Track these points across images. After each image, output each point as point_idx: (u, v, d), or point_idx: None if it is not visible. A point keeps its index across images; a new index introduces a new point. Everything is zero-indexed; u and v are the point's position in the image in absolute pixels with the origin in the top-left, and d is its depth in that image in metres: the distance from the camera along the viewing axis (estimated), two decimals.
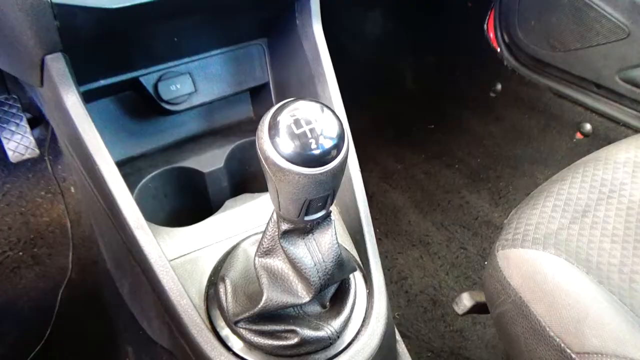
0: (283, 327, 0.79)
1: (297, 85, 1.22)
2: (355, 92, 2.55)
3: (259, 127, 0.60)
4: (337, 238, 0.74)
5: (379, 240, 2.03)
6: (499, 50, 2.40)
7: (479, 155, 2.41)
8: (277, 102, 1.30)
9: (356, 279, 0.90)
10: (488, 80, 2.54)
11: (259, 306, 0.76)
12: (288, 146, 0.57)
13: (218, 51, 1.24)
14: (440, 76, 2.72)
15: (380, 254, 0.98)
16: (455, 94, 2.65)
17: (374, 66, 2.74)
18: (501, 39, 2.39)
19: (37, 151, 1.60)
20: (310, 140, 0.57)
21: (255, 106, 1.40)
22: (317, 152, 0.58)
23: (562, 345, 0.86)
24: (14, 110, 1.57)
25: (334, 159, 0.59)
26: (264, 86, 1.33)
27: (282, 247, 0.73)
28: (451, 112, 2.63)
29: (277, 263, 0.77)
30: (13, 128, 1.57)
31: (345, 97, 1.11)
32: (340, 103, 1.09)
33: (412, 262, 1.97)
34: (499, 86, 2.48)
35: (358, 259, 0.99)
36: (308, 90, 1.15)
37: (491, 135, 2.49)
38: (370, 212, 1.01)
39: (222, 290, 0.84)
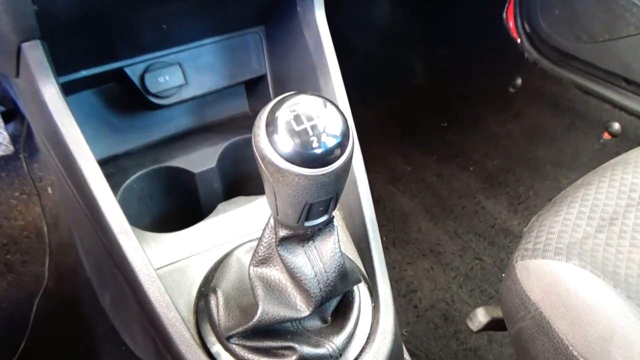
0: (280, 344, 0.79)
1: (297, 77, 1.22)
2: (361, 86, 2.55)
3: (256, 123, 0.60)
4: (340, 246, 0.74)
5: (386, 249, 2.03)
6: (519, 41, 2.40)
7: (496, 157, 2.41)
8: (276, 96, 1.30)
9: (360, 291, 0.90)
10: (507, 74, 2.54)
11: (254, 320, 0.76)
12: (287, 144, 0.57)
13: (211, 40, 1.25)
14: (453, 69, 2.72)
15: (388, 264, 0.98)
16: (470, 89, 2.65)
17: (381, 58, 2.74)
18: (522, 28, 2.39)
19: (12, 148, 1.60)
20: (311, 138, 0.57)
21: (251, 100, 1.40)
22: (319, 151, 0.58)
23: None
24: None
25: (338, 159, 0.59)
26: (261, 79, 1.33)
27: (279, 255, 0.73)
28: (466, 109, 2.63)
29: (274, 273, 0.77)
30: None
31: (350, 91, 1.11)
32: (345, 98, 1.09)
33: (422, 274, 1.96)
34: (518, 81, 2.48)
35: (363, 269, 0.99)
36: (309, 84, 1.15)
37: (510, 134, 2.49)
38: (377, 217, 1.01)
39: (213, 302, 0.84)
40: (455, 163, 2.40)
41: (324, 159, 0.59)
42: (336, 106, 0.61)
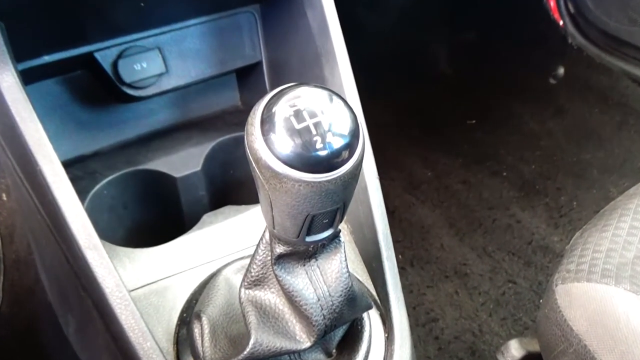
0: None
1: (298, 66, 1.22)
2: (373, 76, 2.56)
3: (249, 119, 0.60)
4: (347, 265, 0.74)
5: (402, 269, 2.03)
6: (561, 23, 2.41)
7: (534, 161, 2.41)
8: (272, 87, 1.30)
9: (371, 319, 0.90)
10: (547, 62, 2.54)
11: (245, 352, 0.76)
12: (286, 145, 0.58)
13: (196, 21, 1.25)
14: (483, 57, 2.73)
15: (404, 287, 0.98)
16: (502, 80, 2.65)
17: (397, 43, 2.75)
18: (565, 9, 2.39)
19: None
20: (314, 138, 0.58)
21: (244, 92, 1.41)
22: (323, 153, 0.58)
23: None
24: None
25: (346, 163, 0.60)
26: (255, 67, 1.34)
27: (275, 275, 0.73)
28: (498, 103, 2.63)
29: (269, 297, 0.77)
30: None
31: (361, 82, 1.11)
32: (354, 90, 1.10)
33: (444, 299, 1.96)
34: (561, 70, 2.48)
35: (374, 292, 0.99)
36: (312, 73, 1.16)
37: (550, 134, 2.49)
38: (392, 231, 1.01)
39: (197, 330, 0.84)
40: (485, 168, 2.41)
41: (330, 163, 0.59)
42: (344, 100, 0.62)
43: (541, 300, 1.25)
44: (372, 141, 1.07)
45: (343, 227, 1.07)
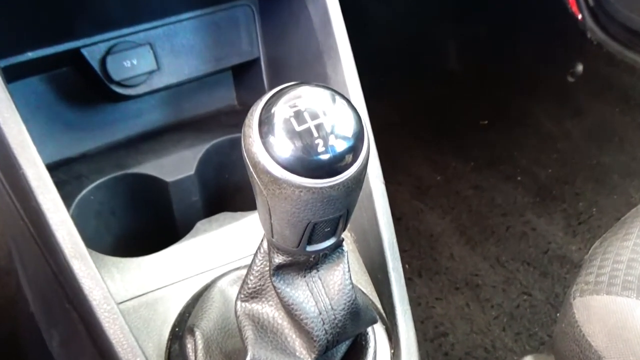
0: None
1: (298, 63, 1.22)
2: (379, 74, 2.56)
3: (246, 121, 0.61)
4: (350, 277, 0.74)
5: (409, 280, 2.03)
6: (580, 17, 2.41)
7: (551, 164, 2.41)
8: (271, 85, 1.30)
9: (376, 334, 0.90)
10: (564, 59, 2.54)
11: None
12: (286, 148, 0.58)
13: (190, 14, 1.26)
14: (496, 53, 2.73)
15: (411, 299, 0.98)
16: (517, 77, 2.65)
17: (404, 38, 2.75)
18: (583, 1, 2.39)
19: None
20: (316, 141, 0.58)
21: (240, 91, 1.41)
22: (325, 157, 0.58)
23: None
24: None
25: (349, 167, 0.60)
26: (253, 64, 1.34)
27: (274, 287, 0.73)
28: (512, 102, 2.63)
29: (267, 310, 0.77)
30: None
31: (365, 80, 1.11)
32: (359, 89, 1.10)
33: (455, 312, 1.96)
34: (579, 67, 2.48)
35: (379, 306, 0.99)
36: (314, 71, 1.16)
37: (568, 135, 2.49)
38: (398, 240, 1.02)
39: (190, 346, 0.84)
40: (498, 172, 2.40)
41: (332, 167, 0.59)
42: (347, 100, 0.62)
43: (558, 314, 1.25)
44: (378, 143, 1.07)
45: (346, 235, 1.07)
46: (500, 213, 2.25)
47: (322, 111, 0.59)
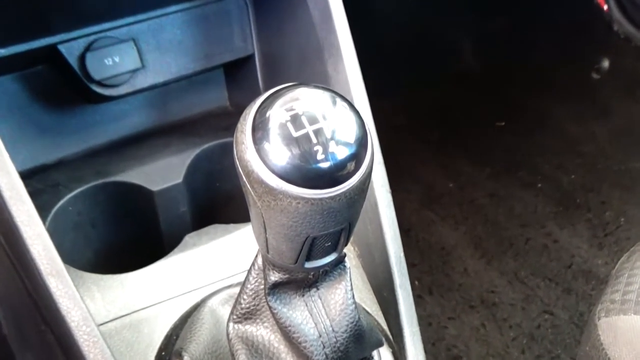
0: None
1: (296, 61, 1.22)
2: (385, 72, 2.55)
3: (239, 126, 0.61)
4: (353, 295, 0.74)
5: (418, 298, 2.03)
6: (605, 8, 2.41)
7: (574, 170, 2.41)
8: (266, 84, 1.30)
9: (382, 358, 0.90)
10: (589, 54, 2.55)
11: None
12: (282, 156, 0.58)
13: (178, 7, 1.26)
14: (514, 48, 2.73)
15: (421, 319, 0.98)
16: (537, 74, 2.65)
17: (413, 33, 2.75)
18: None
19: None
20: (315, 148, 0.58)
21: (233, 91, 1.41)
22: (325, 165, 0.59)
23: None
24: None
25: (352, 176, 0.60)
26: (246, 61, 1.35)
27: (270, 307, 0.73)
28: (531, 102, 2.63)
29: (262, 332, 0.77)
30: None
31: (370, 79, 1.12)
32: (362, 89, 1.10)
33: (469, 333, 1.96)
34: (605, 63, 2.49)
35: (385, 327, 0.99)
36: (313, 69, 1.16)
37: (593, 138, 2.49)
38: (406, 254, 1.02)
39: None
40: (517, 178, 2.41)
41: (333, 176, 0.59)
42: (349, 103, 0.62)
43: (582, 335, 1.25)
44: (384, 147, 1.08)
45: (349, 250, 1.07)
46: (519, 224, 2.25)
47: (322, 115, 0.60)
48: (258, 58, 1.33)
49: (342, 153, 0.59)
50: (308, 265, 0.68)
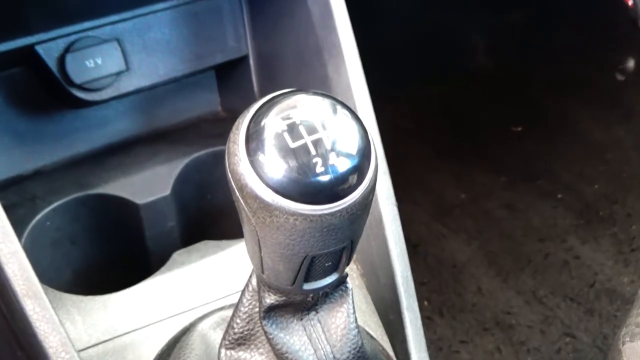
0: None
1: (294, 62, 1.23)
2: (391, 73, 2.56)
3: (231, 136, 0.61)
4: (356, 319, 0.74)
5: (427, 319, 2.03)
6: (630, 3, 2.42)
7: (598, 179, 2.40)
8: (261, 88, 1.30)
9: None
10: (613, 53, 2.55)
11: None
12: (278, 169, 0.58)
13: (166, 4, 1.26)
14: (531, 45, 2.73)
15: (431, 343, 0.99)
16: (557, 75, 2.65)
17: (421, 28, 2.76)
18: None
19: None
20: (314, 160, 0.58)
21: (225, 95, 1.42)
22: (325, 178, 0.59)
23: None
24: None
25: (354, 191, 0.60)
26: (240, 63, 1.35)
27: (265, 332, 0.73)
28: (551, 104, 2.63)
29: (257, 359, 0.77)
30: None
31: (374, 79, 1.12)
32: (365, 92, 1.10)
33: (483, 358, 1.95)
34: (630, 63, 2.49)
35: (392, 353, 0.99)
36: (312, 72, 1.17)
37: (618, 144, 2.49)
38: (415, 272, 1.02)
39: None
40: (535, 188, 2.40)
41: (333, 191, 0.59)
42: (351, 111, 0.63)
43: None
44: (389, 155, 1.08)
45: (351, 269, 1.07)
46: (538, 238, 2.24)
47: (321, 124, 0.60)
48: (253, 59, 1.34)
49: (343, 165, 0.60)
50: (307, 286, 0.69)
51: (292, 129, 0.59)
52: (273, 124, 0.60)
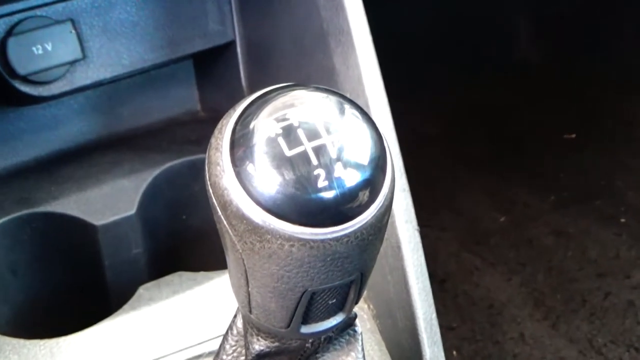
0: None
1: (291, 50, 1.23)
2: (412, 67, 2.57)
3: (213, 140, 0.61)
4: None
5: None
6: None
7: None
8: (250, 85, 1.31)
9: None
10: None
11: None
12: (271, 182, 0.58)
13: None
14: (587, 36, 2.74)
15: None
16: (616, 73, 2.66)
17: (450, 13, 2.77)
18: None
19: None
20: (315, 172, 0.58)
21: (206, 91, 1.42)
22: (329, 194, 0.59)
23: None
24: None
25: (365, 210, 0.60)
26: (225, 51, 1.36)
27: None
28: (609, 108, 2.64)
29: None
30: None
31: (391, 75, 1.12)
32: (381, 89, 1.10)
33: None
34: None
35: None
36: (314, 62, 1.17)
37: None
38: (441, 313, 1.02)
39: None
40: (593, 209, 2.41)
41: (339, 210, 0.59)
42: (362, 110, 0.63)
43: None
44: (409, 169, 1.08)
45: (361, 308, 1.07)
46: (596, 273, 2.25)
47: (325, 127, 0.60)
48: (240, 47, 1.34)
49: (351, 178, 0.60)
50: (305, 329, 0.69)
51: (289, 132, 0.59)
52: (265, 126, 0.60)
